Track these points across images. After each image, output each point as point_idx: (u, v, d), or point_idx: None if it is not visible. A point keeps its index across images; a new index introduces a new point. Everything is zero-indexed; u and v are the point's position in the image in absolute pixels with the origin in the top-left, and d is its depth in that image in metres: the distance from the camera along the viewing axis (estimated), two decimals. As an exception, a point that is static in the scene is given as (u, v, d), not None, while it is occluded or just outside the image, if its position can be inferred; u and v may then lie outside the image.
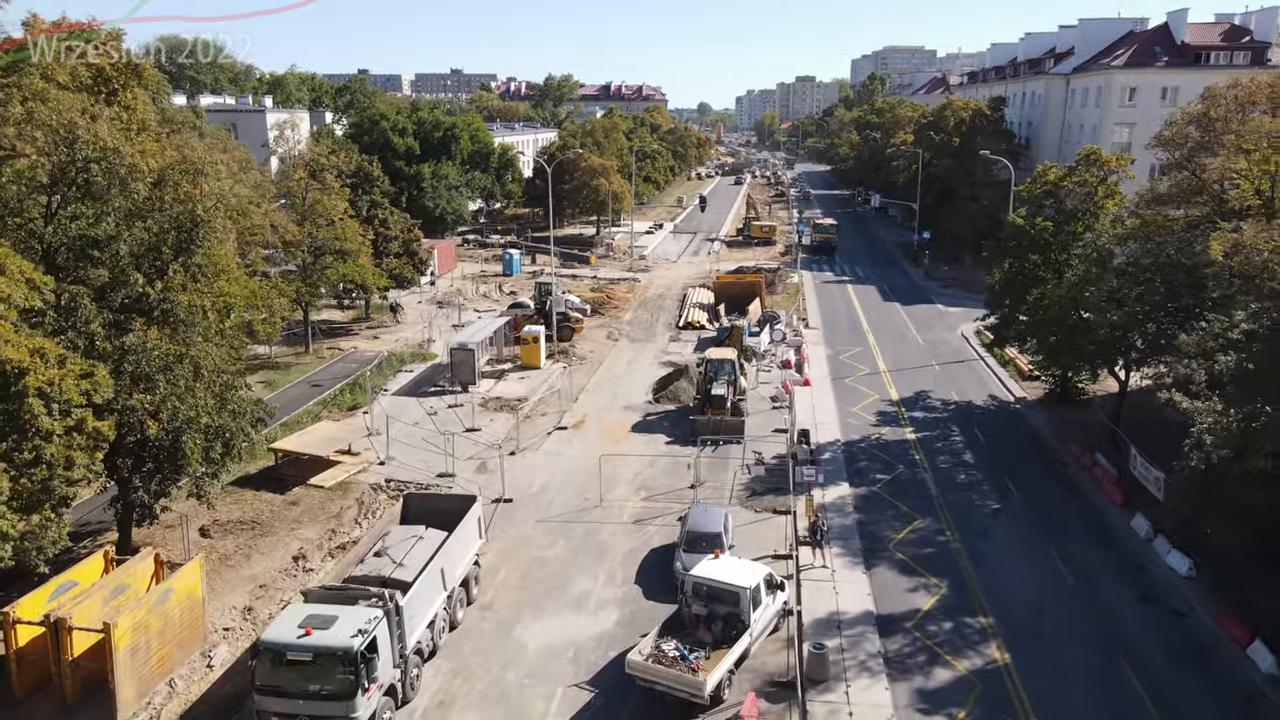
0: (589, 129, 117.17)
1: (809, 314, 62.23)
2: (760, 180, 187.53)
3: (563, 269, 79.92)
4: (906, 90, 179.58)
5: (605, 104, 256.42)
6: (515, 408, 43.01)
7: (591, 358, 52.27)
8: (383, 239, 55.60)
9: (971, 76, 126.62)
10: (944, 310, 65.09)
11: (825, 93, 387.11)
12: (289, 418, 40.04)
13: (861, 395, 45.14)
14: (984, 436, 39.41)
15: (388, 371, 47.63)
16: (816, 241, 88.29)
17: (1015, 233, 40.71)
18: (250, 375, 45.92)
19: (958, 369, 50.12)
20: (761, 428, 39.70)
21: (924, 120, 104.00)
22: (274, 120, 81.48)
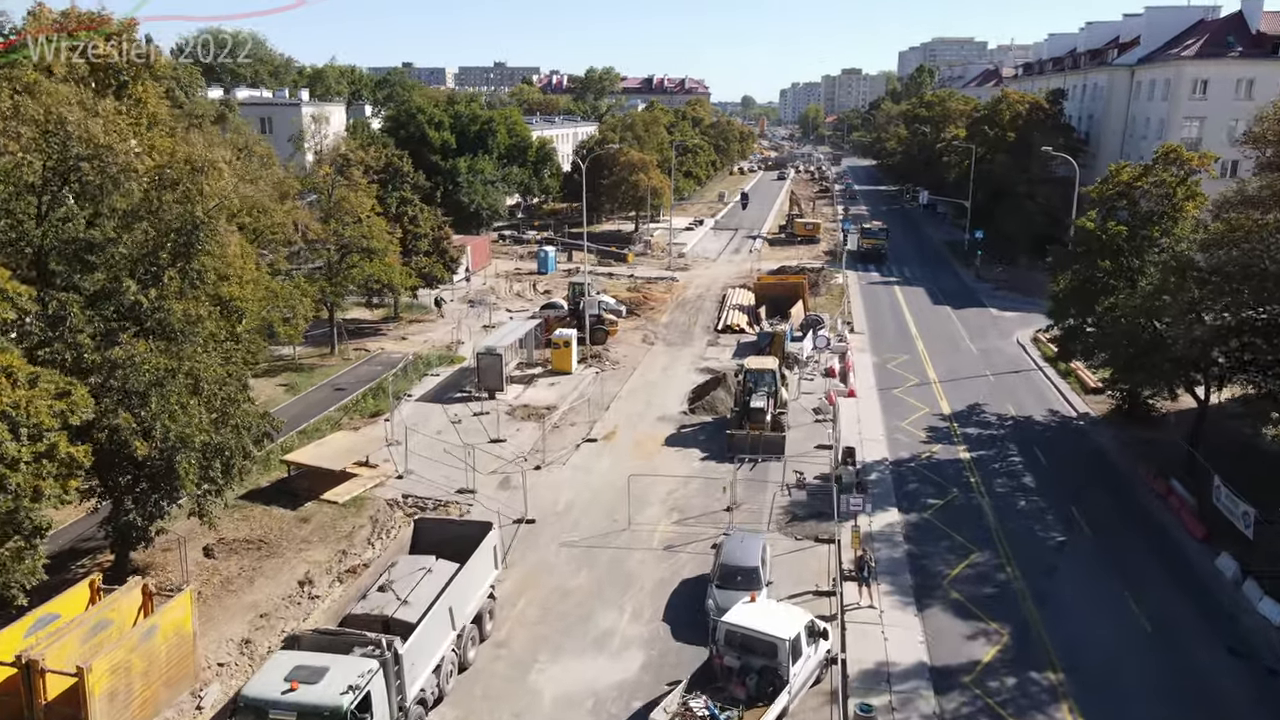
0: (629, 123, 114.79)
1: (854, 318, 59.39)
2: (804, 175, 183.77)
3: (599, 267, 77.92)
4: (956, 83, 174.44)
5: (647, 97, 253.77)
6: (543, 416, 40.98)
7: (625, 362, 50.09)
8: (412, 237, 53.94)
9: (1027, 68, 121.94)
10: (997, 315, 61.76)
11: (871, 86, 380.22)
12: (308, 425, 38.47)
13: (911, 408, 42.36)
14: (1045, 457, 36.46)
15: (413, 375, 45.91)
16: (864, 248, 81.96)
17: (1084, 237, 37.54)
18: (272, 378, 44.84)
19: (1014, 380, 47.03)
20: (803, 444, 37.19)
21: (977, 114, 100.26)
22: (308, 114, 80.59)
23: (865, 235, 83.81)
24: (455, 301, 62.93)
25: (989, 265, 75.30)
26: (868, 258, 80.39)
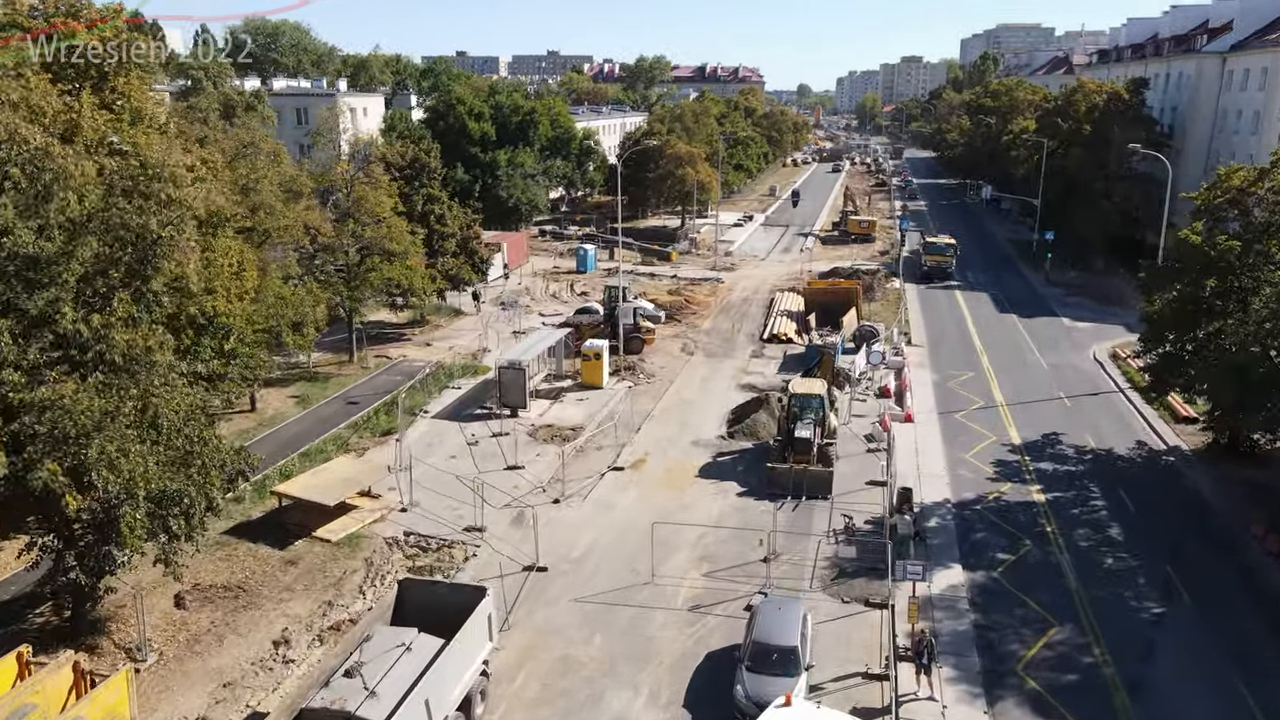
0: (678, 114, 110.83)
1: (911, 328, 54.86)
2: (859, 168, 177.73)
3: (641, 266, 74.38)
4: (1023, 71, 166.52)
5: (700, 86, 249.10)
6: (568, 438, 37.62)
7: (662, 375, 46.47)
8: (438, 237, 50.90)
9: (1102, 56, 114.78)
10: (1070, 326, 56.68)
11: (932, 74, 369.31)
12: (311, 445, 35.58)
13: (975, 436, 38.01)
14: (1132, 501, 31.93)
15: (432, 388, 42.86)
16: (928, 265, 69.80)
17: (1187, 252, 32.67)
18: (284, 388, 42.20)
19: (1092, 404, 42.30)
20: (853, 479, 33.21)
21: (1047, 105, 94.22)
22: (344, 105, 78.26)
23: (930, 251, 71.05)
24: (488, 303, 59.93)
25: (1060, 269, 69.85)
26: (932, 276, 68.58)
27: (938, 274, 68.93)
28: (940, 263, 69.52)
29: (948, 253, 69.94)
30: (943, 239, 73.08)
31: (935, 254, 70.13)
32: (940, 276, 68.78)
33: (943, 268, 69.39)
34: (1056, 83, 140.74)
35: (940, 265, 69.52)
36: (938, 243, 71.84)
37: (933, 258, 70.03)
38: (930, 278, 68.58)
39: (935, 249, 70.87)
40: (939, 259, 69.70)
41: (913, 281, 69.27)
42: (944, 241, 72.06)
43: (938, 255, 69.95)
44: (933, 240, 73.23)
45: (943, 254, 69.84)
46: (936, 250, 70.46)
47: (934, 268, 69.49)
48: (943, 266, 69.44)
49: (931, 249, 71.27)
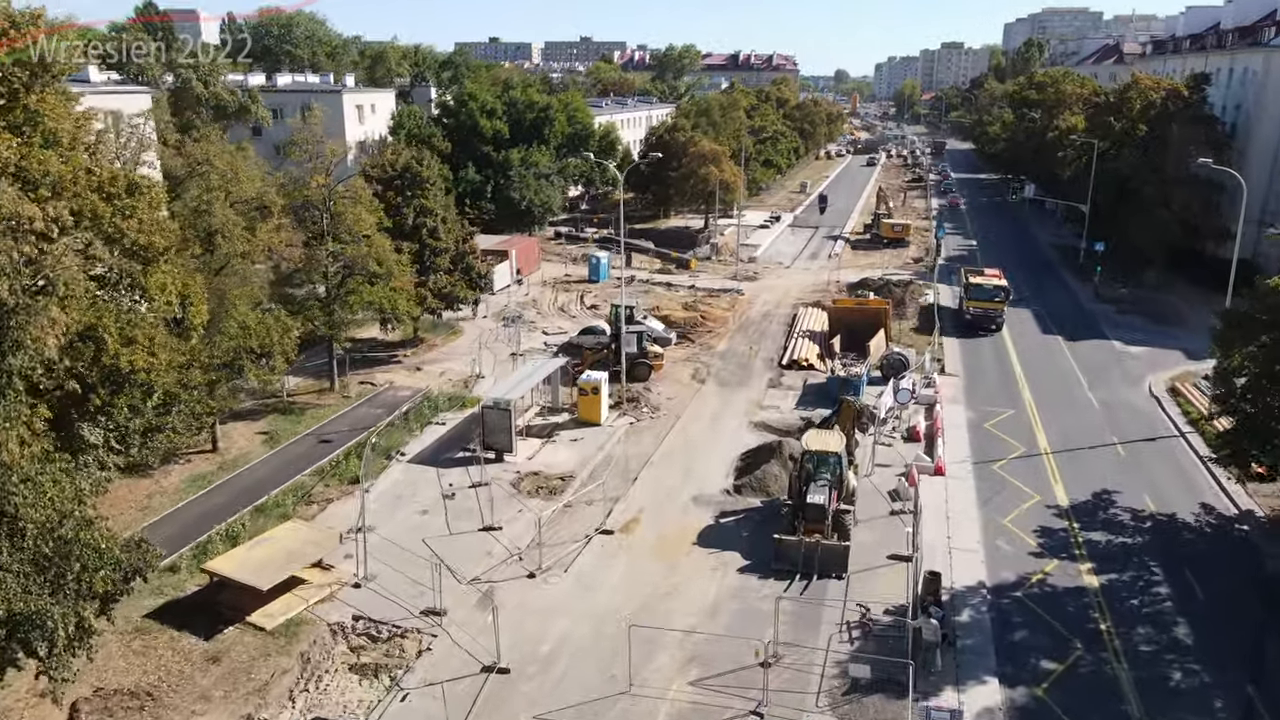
0: (704, 108, 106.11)
1: (946, 353, 50.16)
2: (895, 160, 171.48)
3: (657, 275, 70.17)
4: (1070, 60, 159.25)
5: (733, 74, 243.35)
6: (555, 489, 33.77)
7: (668, 407, 42.43)
8: (431, 252, 47.14)
9: (1157, 46, 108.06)
10: (1122, 351, 51.63)
11: (974, 61, 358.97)
12: (268, 498, 32.00)
13: (1015, 495, 33.52)
14: (1201, 586, 27.40)
15: (414, 424, 39.20)
16: (973, 313, 55.18)
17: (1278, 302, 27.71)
18: (254, 421, 38.81)
19: (1149, 453, 37.55)
20: (873, 550, 29.00)
21: (1097, 99, 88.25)
22: (352, 101, 74.85)
23: (974, 295, 55.46)
24: (489, 317, 56.20)
25: (1111, 282, 64.46)
26: (977, 326, 54.65)
27: (984, 324, 54.85)
28: (988, 310, 54.86)
29: (997, 297, 55.10)
30: (991, 277, 57.30)
31: (981, 299, 55.19)
32: (988, 327, 54.79)
33: (990, 316, 54.84)
34: (1106, 73, 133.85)
35: (988, 314, 54.87)
36: (984, 285, 55.73)
37: (978, 303, 55.19)
38: (975, 328, 54.54)
39: (981, 293, 55.37)
40: (986, 305, 55.01)
41: (948, 282, 64.45)
42: (993, 283, 56.05)
43: (984, 301, 55.09)
44: (978, 282, 56.30)
45: (991, 299, 55.02)
46: (982, 294, 55.33)
47: (980, 316, 55.04)
48: (991, 315, 54.83)
49: (976, 293, 55.54)
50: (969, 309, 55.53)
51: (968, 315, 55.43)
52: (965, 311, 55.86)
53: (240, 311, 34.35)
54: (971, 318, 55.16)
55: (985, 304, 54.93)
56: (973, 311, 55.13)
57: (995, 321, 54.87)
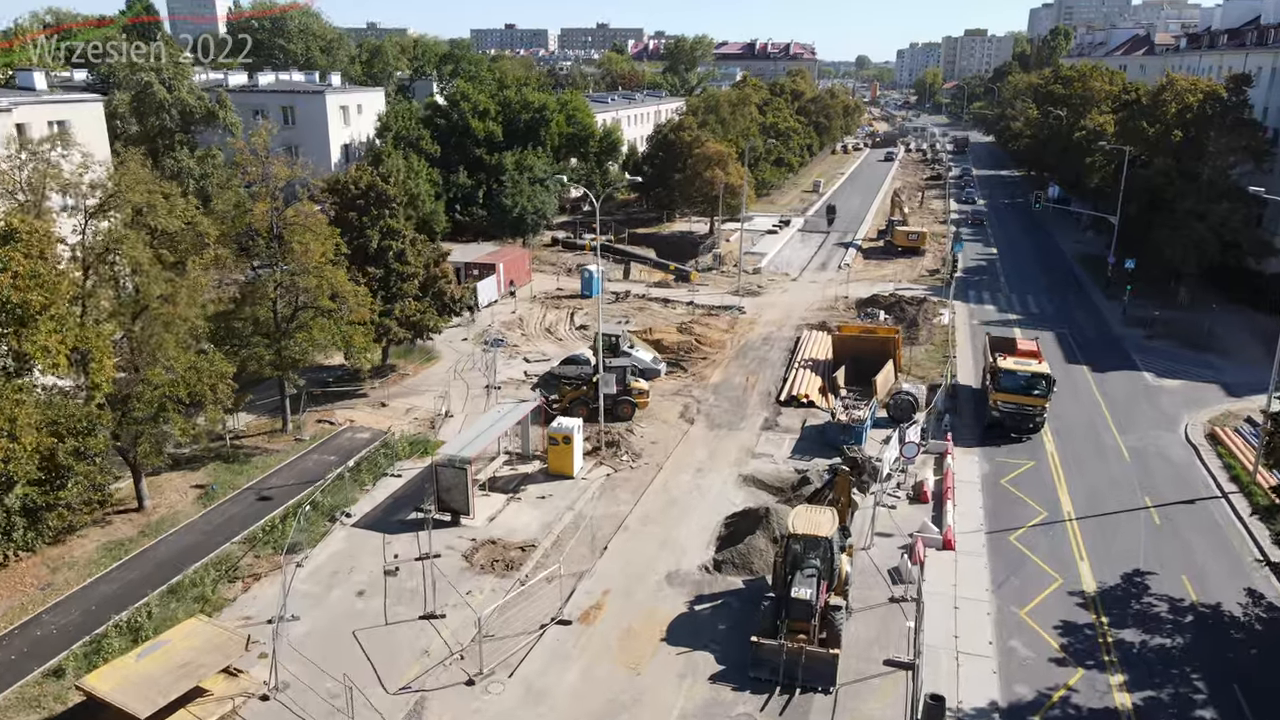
0: (712, 104, 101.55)
1: (961, 389, 45.93)
2: (914, 155, 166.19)
3: (654, 289, 66.14)
4: (1098, 51, 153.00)
5: (748, 64, 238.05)
6: (513, 564, 30.03)
7: (651, 453, 38.61)
8: (398, 278, 43.40)
9: (1191, 40, 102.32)
10: (1154, 384, 47.23)
11: (997, 48, 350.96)
12: (185, 576, 28.36)
13: (1035, 576, 29.43)
14: (1254, 710, 23.29)
15: (367, 476, 35.54)
16: (1002, 410, 39.58)
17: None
18: (193, 470, 35.42)
19: (1187, 519, 33.32)
20: (866, 653, 25.11)
21: (1127, 96, 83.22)
22: (336, 101, 71.14)
23: (1004, 384, 39.67)
24: (470, 339, 52.50)
25: (1141, 303, 59.76)
26: (1007, 427, 39.54)
27: (1017, 427, 39.34)
28: (1022, 408, 39.08)
29: (1036, 389, 39.07)
30: (1026, 358, 40.94)
31: (1013, 390, 39.23)
32: (1021, 430, 39.43)
33: (1026, 416, 39.18)
34: (1136, 65, 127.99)
35: (1023, 412, 39.14)
36: (1018, 372, 39.52)
37: (1009, 397, 39.17)
38: (1002, 429, 39.51)
39: (1013, 382, 39.37)
40: (1020, 401, 39.04)
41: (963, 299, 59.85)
42: (1029, 369, 39.79)
43: (1017, 394, 39.13)
44: (1008, 367, 39.86)
45: (1026, 391, 39.10)
46: (1014, 385, 39.30)
47: (1011, 415, 39.21)
48: (1027, 415, 39.18)
49: (1007, 381, 39.43)
50: (996, 404, 39.77)
51: (994, 413, 39.81)
52: (991, 408, 40.12)
53: (169, 356, 30.82)
54: (1000, 417, 39.60)
55: (1019, 399, 39.33)
56: (1001, 409, 39.52)
57: (1032, 422, 39.46)
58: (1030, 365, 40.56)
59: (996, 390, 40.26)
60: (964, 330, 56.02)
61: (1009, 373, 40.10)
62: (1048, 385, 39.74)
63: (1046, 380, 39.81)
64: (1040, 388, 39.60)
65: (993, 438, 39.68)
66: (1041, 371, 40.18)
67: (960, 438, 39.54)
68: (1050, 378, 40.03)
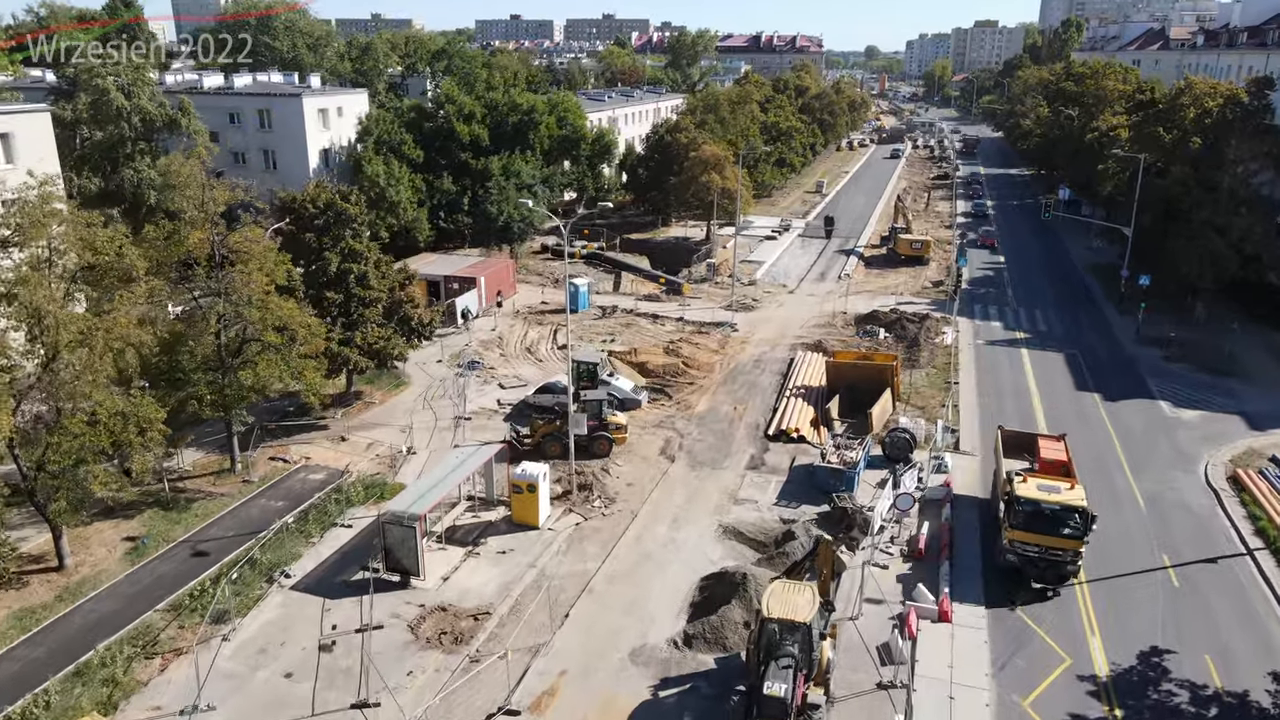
0: (711, 103, 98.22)
1: (961, 420, 42.89)
2: (921, 151, 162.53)
3: (644, 302, 63.19)
4: (1111, 45, 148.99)
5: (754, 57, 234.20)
6: (463, 636, 27.23)
7: (626, 496, 35.76)
8: (359, 303, 40.56)
9: (1209, 37, 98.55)
10: (1171, 415, 44.13)
11: (1008, 40, 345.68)
12: (94, 653, 25.62)
13: (1040, 655, 26.46)
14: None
15: (314, 527, 32.75)
16: (1021, 553, 29.25)
17: None
18: (127, 519, 32.80)
19: (1210, 583, 30.29)
20: (850, 758, 22.22)
21: (1141, 97, 79.74)
22: (314, 104, 68.20)
23: (1023, 520, 29.20)
24: (444, 361, 49.71)
25: (1155, 321, 56.45)
26: (1035, 575, 29.15)
27: (1040, 574, 29.12)
28: (1048, 551, 28.94)
29: (1067, 528, 28.89)
30: (1053, 482, 30.21)
31: (1037, 529, 29.05)
32: (1045, 582, 29.11)
33: (1056, 562, 28.96)
34: (1150, 60, 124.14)
35: (1049, 558, 28.98)
36: (1043, 505, 29.15)
37: (1029, 536, 29.10)
38: (1020, 576, 29.30)
39: (1036, 519, 29.06)
40: (1045, 543, 28.95)
41: (968, 315, 56.67)
42: (1057, 498, 29.37)
43: (1042, 534, 29.01)
44: (1030, 495, 29.36)
45: (1052, 530, 28.96)
46: (1039, 522, 29.03)
47: (1032, 561, 29.10)
48: (1054, 560, 28.95)
49: (1027, 516, 29.09)
50: (1011, 544, 29.31)
51: (1008, 556, 29.46)
52: (1004, 549, 29.63)
53: (92, 401, 28.10)
54: (1016, 561, 29.31)
55: (1044, 540, 28.86)
56: (1018, 550, 29.20)
57: (1062, 570, 29.00)
58: (1059, 493, 29.51)
59: (1012, 526, 29.33)
60: (968, 352, 52.88)
61: (1030, 504, 29.19)
62: (1084, 522, 28.84)
63: (1082, 515, 28.87)
64: (1073, 525, 28.88)
65: (1005, 591, 29.01)
66: (1074, 504, 29.08)
67: (961, 581, 29.47)
68: (1087, 512, 28.93)
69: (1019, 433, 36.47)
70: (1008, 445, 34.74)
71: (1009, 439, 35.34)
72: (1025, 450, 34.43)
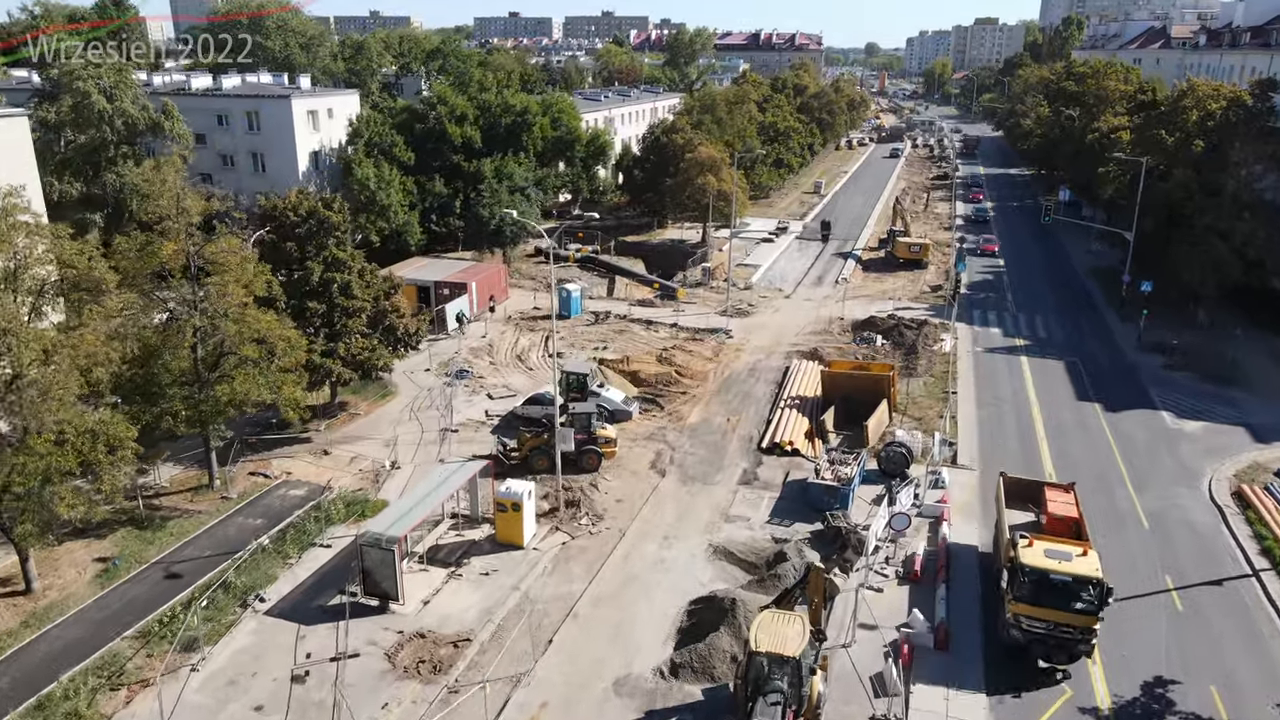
0: (708, 103, 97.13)
1: (960, 432, 41.94)
2: (921, 150, 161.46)
3: (637, 308, 62.18)
4: (1112, 43, 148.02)
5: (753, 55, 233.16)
6: (442, 664, 26.28)
7: (615, 513, 34.82)
8: (342, 314, 39.58)
9: (1211, 37, 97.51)
10: (1174, 426, 43.16)
11: (1009, 38, 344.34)
12: (56, 685, 24.70)
13: (1040, 687, 25.51)
14: None
15: (292, 547, 31.80)
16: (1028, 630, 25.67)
17: None
18: (99, 539, 31.78)
19: (1214, 605, 29.35)
20: (841, 800, 21.28)
21: (1142, 98, 78.96)
22: (304, 106, 67.18)
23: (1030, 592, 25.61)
24: (432, 370, 48.76)
25: (1157, 329, 55.39)
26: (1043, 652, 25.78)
27: (1049, 653, 25.75)
28: (1057, 628, 25.43)
29: (1080, 601, 25.21)
30: (1061, 537, 27.58)
31: (1047, 603, 25.36)
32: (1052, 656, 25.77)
33: (1067, 641, 25.48)
34: (1151, 59, 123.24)
35: (1058, 635, 25.46)
36: (1052, 574, 25.51)
37: (1037, 610, 25.49)
38: (1027, 655, 25.92)
39: (1045, 590, 25.44)
40: (1053, 618, 25.39)
41: (967, 320, 55.69)
42: (1069, 569, 25.55)
43: (1052, 609, 25.34)
44: (1037, 564, 25.76)
45: (1062, 604, 25.30)
46: (1049, 594, 25.40)
47: (1040, 639, 25.66)
48: (1065, 639, 25.47)
49: (1036, 588, 25.54)
50: (1016, 619, 25.76)
51: (1012, 631, 25.92)
52: (1009, 623, 26.02)
53: (59, 420, 27.14)
54: (1021, 637, 25.80)
55: (1052, 615, 25.30)
56: (1024, 626, 25.69)
57: (1070, 652, 25.54)
58: (1070, 561, 25.68)
59: (1016, 599, 25.69)
60: (967, 360, 51.91)
61: (1036, 574, 25.52)
62: (1099, 594, 25.03)
63: (1096, 587, 25.07)
64: (1087, 597, 25.08)
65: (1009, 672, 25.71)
66: (1087, 575, 25.26)
67: (958, 657, 26.31)
68: (1102, 584, 25.15)
69: (1023, 480, 32.42)
70: (1010, 494, 31.03)
71: (1011, 487, 31.46)
72: (1030, 500, 31.11)
